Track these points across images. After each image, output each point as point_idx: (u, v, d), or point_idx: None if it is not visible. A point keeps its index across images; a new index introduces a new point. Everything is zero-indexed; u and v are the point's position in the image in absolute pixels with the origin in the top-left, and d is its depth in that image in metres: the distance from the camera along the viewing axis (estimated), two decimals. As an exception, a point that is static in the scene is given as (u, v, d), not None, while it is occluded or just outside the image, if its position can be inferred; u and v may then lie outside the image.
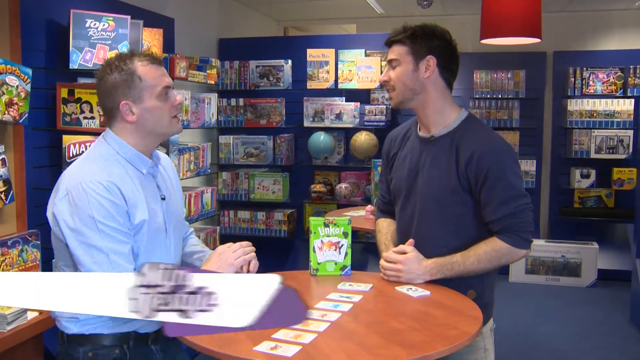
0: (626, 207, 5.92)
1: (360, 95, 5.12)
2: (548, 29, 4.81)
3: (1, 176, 2.63)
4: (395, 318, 1.71)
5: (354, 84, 4.98)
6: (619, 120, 5.89)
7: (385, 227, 2.23)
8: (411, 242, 2.00)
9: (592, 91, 5.93)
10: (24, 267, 2.63)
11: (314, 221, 2.09)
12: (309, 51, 5.04)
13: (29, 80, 2.72)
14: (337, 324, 1.64)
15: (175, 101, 1.83)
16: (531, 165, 6.15)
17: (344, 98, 5.10)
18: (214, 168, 5.21)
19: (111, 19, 3.17)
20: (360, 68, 4.93)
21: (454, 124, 2.00)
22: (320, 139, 5.07)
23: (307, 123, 5.14)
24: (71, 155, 3.04)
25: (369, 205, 3.71)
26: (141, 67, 1.76)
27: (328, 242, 2.09)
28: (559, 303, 5.25)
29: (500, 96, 6.14)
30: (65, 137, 3.07)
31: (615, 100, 5.91)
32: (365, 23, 7.16)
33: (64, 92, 3.12)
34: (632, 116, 5.86)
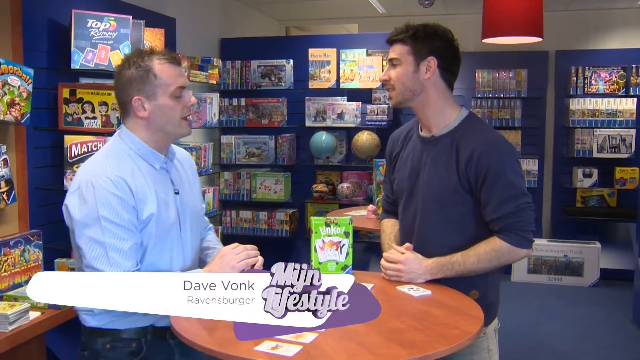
0: (628, 206, 5.91)
1: (362, 95, 5.11)
2: (550, 28, 4.80)
3: (3, 176, 2.64)
4: (396, 317, 1.70)
5: (356, 84, 4.98)
6: (622, 119, 5.88)
7: (390, 228, 2.23)
8: (409, 247, 2.00)
9: (595, 90, 5.92)
10: (25, 267, 2.63)
11: (315, 221, 2.09)
12: (311, 51, 5.04)
13: (30, 80, 2.73)
14: (338, 324, 1.64)
15: (189, 102, 1.87)
16: (533, 165, 6.14)
17: (345, 98, 5.09)
18: (216, 168, 5.22)
19: (113, 19, 3.17)
20: (362, 68, 4.93)
21: (454, 124, 2.00)
22: (322, 138, 5.07)
23: (308, 123, 5.14)
24: (73, 155, 3.04)
25: (371, 205, 3.70)
26: (158, 64, 1.80)
27: (329, 242, 2.08)
28: (562, 302, 5.24)
29: (502, 95, 6.13)
30: (67, 137, 3.08)
31: (617, 100, 5.89)
32: (367, 22, 7.16)
33: (65, 92, 3.13)
34: (634, 115, 5.85)
